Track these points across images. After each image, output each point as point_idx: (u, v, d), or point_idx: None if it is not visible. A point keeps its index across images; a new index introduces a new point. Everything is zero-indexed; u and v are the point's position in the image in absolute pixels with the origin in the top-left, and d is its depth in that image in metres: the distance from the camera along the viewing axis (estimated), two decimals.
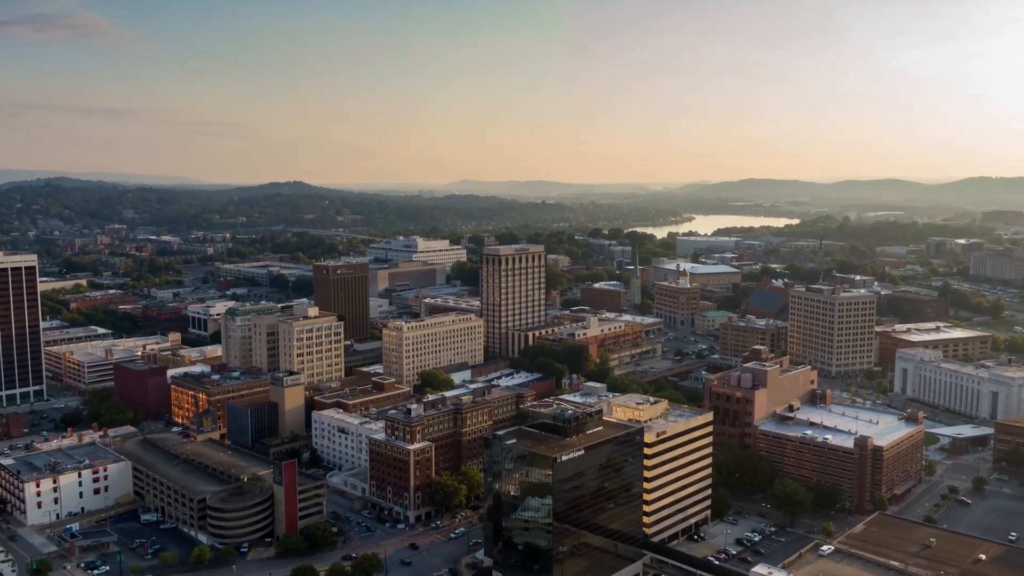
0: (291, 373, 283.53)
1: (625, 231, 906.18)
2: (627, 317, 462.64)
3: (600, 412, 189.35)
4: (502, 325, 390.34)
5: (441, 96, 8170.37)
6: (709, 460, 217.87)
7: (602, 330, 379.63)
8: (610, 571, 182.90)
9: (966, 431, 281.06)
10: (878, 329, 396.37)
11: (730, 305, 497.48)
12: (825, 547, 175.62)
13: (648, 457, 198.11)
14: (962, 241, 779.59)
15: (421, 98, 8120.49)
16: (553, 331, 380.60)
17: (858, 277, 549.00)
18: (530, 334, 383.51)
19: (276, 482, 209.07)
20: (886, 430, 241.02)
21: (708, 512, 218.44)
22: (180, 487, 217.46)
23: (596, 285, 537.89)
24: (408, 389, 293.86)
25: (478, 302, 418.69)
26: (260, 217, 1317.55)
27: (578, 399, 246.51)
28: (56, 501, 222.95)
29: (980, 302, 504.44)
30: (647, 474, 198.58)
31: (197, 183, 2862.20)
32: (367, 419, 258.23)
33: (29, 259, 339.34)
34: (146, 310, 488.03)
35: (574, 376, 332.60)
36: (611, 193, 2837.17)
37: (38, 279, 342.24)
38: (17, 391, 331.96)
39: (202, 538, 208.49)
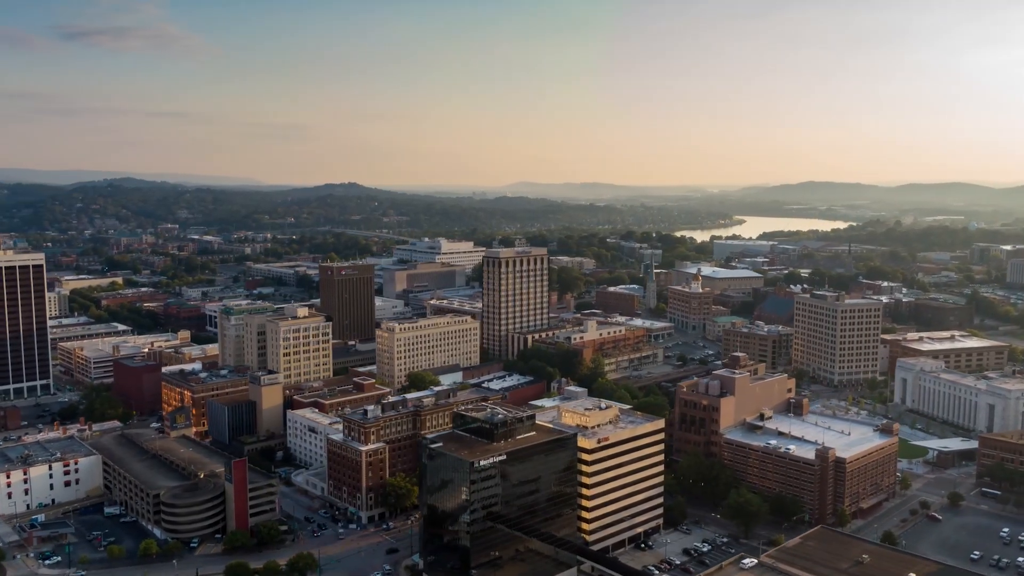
0: (270, 372, 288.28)
1: (658, 234, 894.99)
2: (637, 322, 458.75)
3: (532, 417, 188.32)
4: (502, 327, 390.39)
5: (501, 98, 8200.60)
6: (660, 468, 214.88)
7: (600, 334, 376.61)
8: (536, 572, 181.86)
9: (953, 444, 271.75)
10: (888, 337, 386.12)
11: (748, 310, 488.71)
12: (747, 560, 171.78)
13: (588, 463, 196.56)
14: (1008, 247, 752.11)
15: (482, 101, 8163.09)
16: (551, 334, 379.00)
17: (885, 283, 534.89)
18: (529, 337, 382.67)
19: (227, 479, 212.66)
20: (855, 442, 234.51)
21: (660, 521, 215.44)
22: (140, 482, 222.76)
23: (611, 289, 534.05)
24: (387, 390, 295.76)
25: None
26: (308, 218, 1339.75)
27: (556, 403, 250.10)
28: (27, 492, 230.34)
29: (1008, 311, 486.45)
30: (587, 480, 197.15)
31: (257, 184, 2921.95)
32: (339, 419, 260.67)
33: (36, 257, 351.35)
34: (167, 308, 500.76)
35: (563, 380, 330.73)
36: (666, 196, 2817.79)
37: (45, 277, 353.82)
38: (24, 384, 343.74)
39: (157, 532, 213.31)
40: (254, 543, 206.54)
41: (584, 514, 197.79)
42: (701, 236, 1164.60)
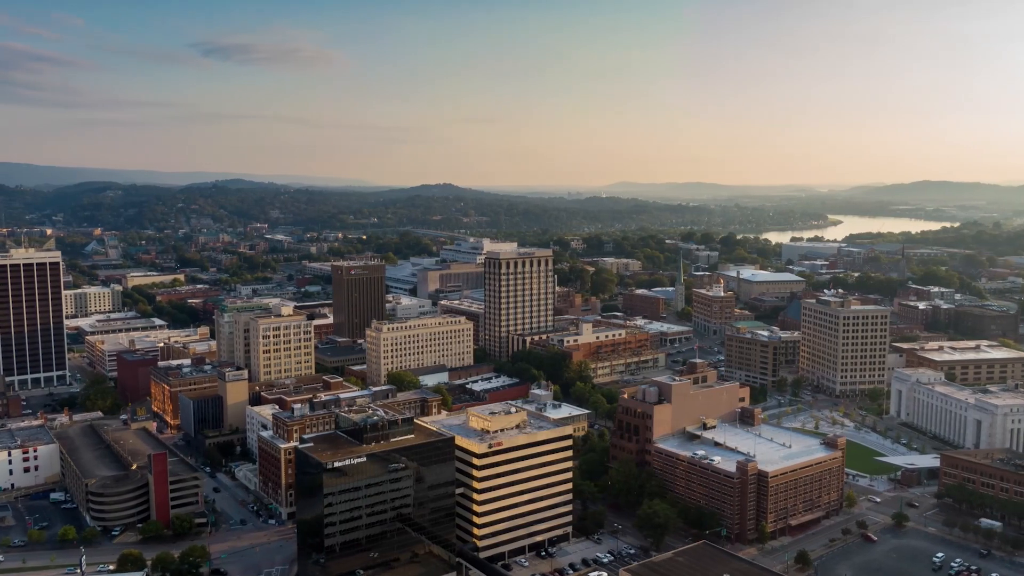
0: (237, 368, 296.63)
1: (719, 236, 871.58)
2: (656, 325, 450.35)
3: (410, 419, 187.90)
4: (501, 329, 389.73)
5: (605, 99, 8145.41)
6: (568, 475, 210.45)
7: (597, 337, 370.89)
8: None
9: (921, 462, 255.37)
10: (905, 346, 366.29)
11: (778, 316, 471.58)
12: (594, 574, 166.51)
13: (477, 468, 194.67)
14: None
15: (585, 102, 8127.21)
16: (546, 337, 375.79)
17: (936, 288, 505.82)
18: (527, 339, 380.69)
19: (148, 471, 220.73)
20: (792, 455, 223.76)
21: (568, 529, 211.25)
22: (80, 470, 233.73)
23: (639, 291, 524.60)
24: (355, 388, 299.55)
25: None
26: (391, 218, 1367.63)
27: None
28: None
29: None
30: (476, 485, 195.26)
31: (362, 185, 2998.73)
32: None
33: (53, 255, 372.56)
34: (206, 304, 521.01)
35: (543, 383, 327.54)
36: (771, 195, 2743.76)
37: (62, 274, 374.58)
38: (41, 375, 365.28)
39: (87, 519, 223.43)
40: (169, 534, 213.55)
41: (475, 519, 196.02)
42: (782, 237, 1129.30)
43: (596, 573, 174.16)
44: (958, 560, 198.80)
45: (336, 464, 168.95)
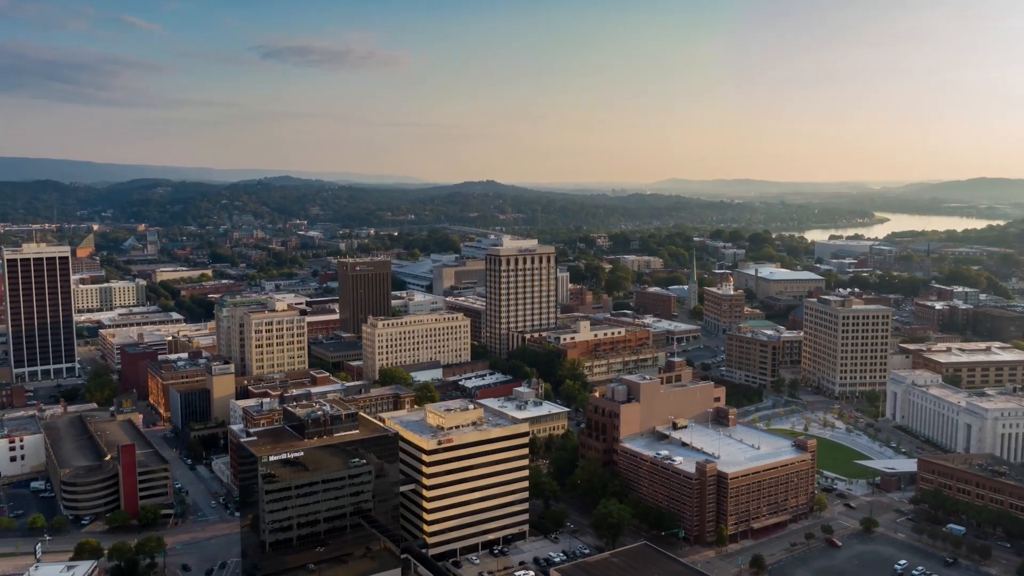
0: (225, 362, 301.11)
1: (747, 234, 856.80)
2: (665, 324, 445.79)
3: (354, 415, 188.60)
4: (502, 326, 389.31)
5: (657, 95, 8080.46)
6: (524, 472, 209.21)
7: (595, 335, 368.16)
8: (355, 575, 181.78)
9: (901, 466, 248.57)
10: (912, 347, 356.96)
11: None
12: (520, 573, 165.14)
13: (426, 464, 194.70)
14: None
15: (635, 100, 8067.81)
16: (544, 335, 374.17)
17: (960, 288, 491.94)
18: (527, 336, 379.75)
19: (117, 463, 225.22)
20: (759, 456, 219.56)
21: (525, 527, 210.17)
22: (58, 460, 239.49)
23: (651, 289, 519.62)
24: (338, 383, 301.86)
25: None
26: (429, 215, 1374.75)
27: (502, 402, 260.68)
28: None
29: None
30: (426, 482, 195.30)
31: (408, 182, 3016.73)
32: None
33: (63, 250, 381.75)
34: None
35: (533, 380, 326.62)
36: (821, 192, 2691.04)
37: (71, 268, 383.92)
38: (51, 367, 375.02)
39: (62, 507, 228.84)
40: (136, 524, 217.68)
41: (425, 516, 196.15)
42: (823, 235, 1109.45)
43: (522, 572, 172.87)
44: (920, 568, 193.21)
45: (271, 458, 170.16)
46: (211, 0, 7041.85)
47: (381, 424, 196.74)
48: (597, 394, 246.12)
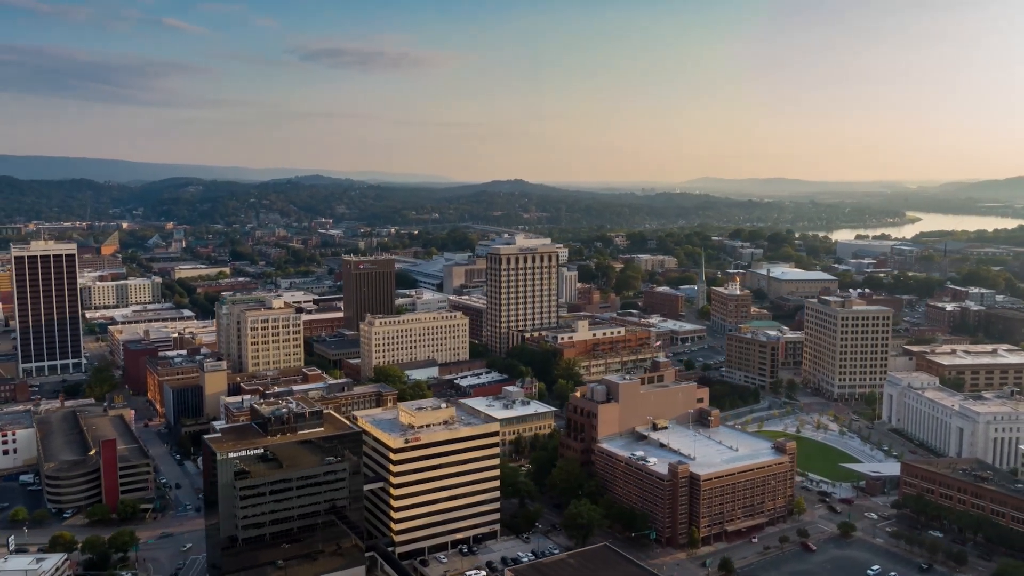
0: (217, 358, 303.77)
1: (768, 233, 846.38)
2: (670, 323, 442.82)
3: (319, 412, 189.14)
4: (502, 324, 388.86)
5: (690, 94, 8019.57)
6: (495, 472, 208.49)
7: (594, 335, 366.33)
8: (320, 573, 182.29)
9: (887, 469, 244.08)
10: (915, 348, 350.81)
11: None
12: (471, 573, 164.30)
13: (394, 463, 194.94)
14: None
15: (670, 97, 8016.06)
16: (543, 334, 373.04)
17: (976, 289, 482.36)
18: (526, 336, 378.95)
19: (99, 458, 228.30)
20: (736, 458, 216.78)
21: (496, 526, 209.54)
22: (46, 454, 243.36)
23: (659, 289, 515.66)
24: (329, 379, 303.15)
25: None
26: (452, 213, 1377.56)
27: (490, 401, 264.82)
28: None
29: None
30: (394, 480, 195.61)
31: (438, 180, 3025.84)
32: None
33: (69, 247, 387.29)
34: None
35: (527, 379, 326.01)
36: (854, 192, 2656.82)
37: (78, 265, 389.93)
38: (57, 362, 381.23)
39: (46, 501, 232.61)
40: (115, 518, 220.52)
41: (392, 514, 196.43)
42: (850, 235, 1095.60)
43: (473, 572, 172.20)
44: (893, 573, 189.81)
45: (230, 455, 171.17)
46: (252, 4, 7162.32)
47: (347, 422, 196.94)
48: (579, 394, 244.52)
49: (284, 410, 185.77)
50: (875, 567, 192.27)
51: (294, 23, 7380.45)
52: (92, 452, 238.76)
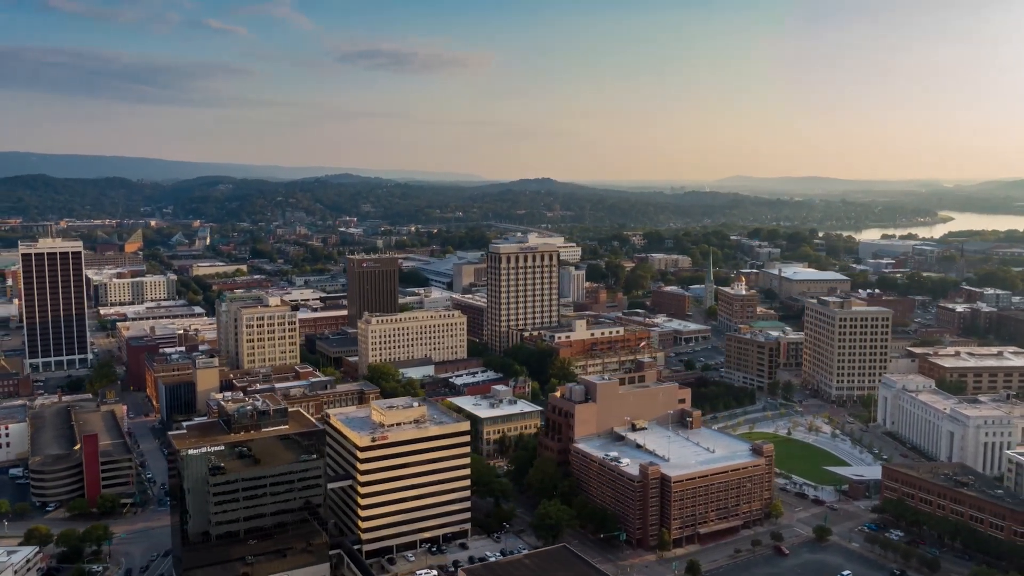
0: (211, 355, 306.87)
1: (788, 232, 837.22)
2: (675, 323, 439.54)
3: (284, 410, 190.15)
4: (502, 323, 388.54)
5: (724, 92, 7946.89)
6: (465, 471, 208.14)
7: (591, 334, 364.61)
8: (283, 569, 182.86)
9: (870, 473, 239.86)
10: (918, 350, 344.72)
11: None
12: (422, 572, 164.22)
13: (360, 461, 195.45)
14: None
15: (705, 95, 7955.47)
16: (541, 334, 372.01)
17: (990, 291, 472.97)
18: (525, 335, 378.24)
19: (81, 452, 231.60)
20: (710, 460, 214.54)
21: (467, 525, 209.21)
22: (33, 448, 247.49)
23: (667, 288, 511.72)
24: (320, 376, 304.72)
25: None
26: (476, 212, 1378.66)
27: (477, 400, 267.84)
28: None
29: None
30: (361, 478, 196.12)
31: (469, 179, 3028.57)
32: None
33: (75, 245, 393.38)
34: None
35: (520, 378, 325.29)
36: (889, 191, 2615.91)
37: (83, 262, 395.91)
38: (64, 358, 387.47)
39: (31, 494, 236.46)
40: (95, 512, 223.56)
41: (360, 512, 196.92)
42: (875, 235, 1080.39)
43: (424, 571, 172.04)
44: None
45: (190, 451, 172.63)
46: (292, 6, 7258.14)
47: (313, 420, 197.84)
48: (558, 394, 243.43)
49: (249, 407, 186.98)
50: (846, 572, 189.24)
51: (332, 26, 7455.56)
52: (77, 447, 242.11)
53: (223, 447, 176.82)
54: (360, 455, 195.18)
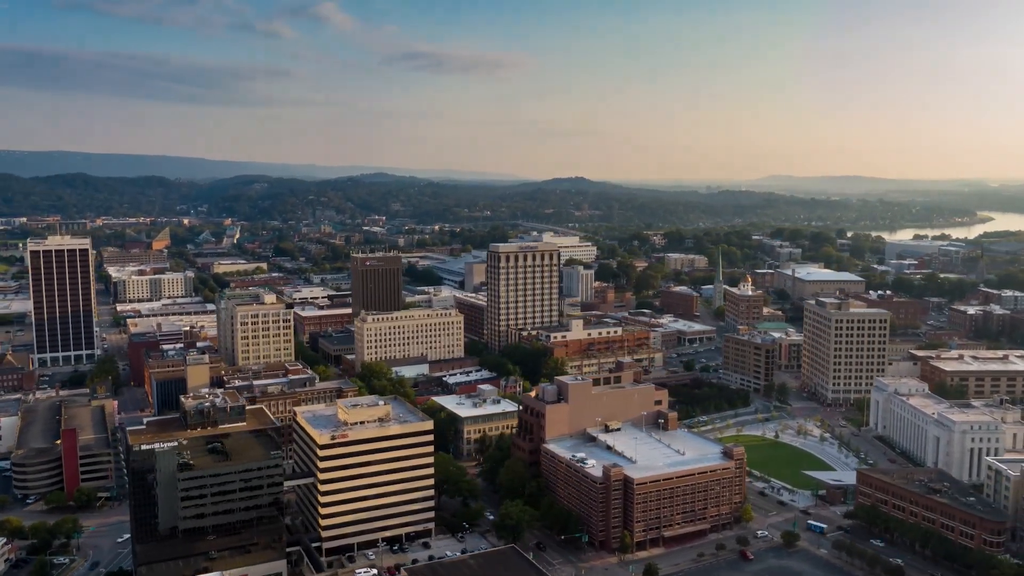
0: (201, 351, 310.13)
1: (806, 232, 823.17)
2: (680, 324, 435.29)
3: (242, 407, 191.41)
4: (501, 323, 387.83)
5: (764, 91, 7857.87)
6: (428, 470, 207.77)
7: (588, 334, 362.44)
8: (240, 565, 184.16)
9: (847, 478, 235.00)
10: (920, 353, 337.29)
11: None
12: (361, 571, 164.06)
13: (321, 459, 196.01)
14: None
15: (744, 93, 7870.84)
16: (537, 333, 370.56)
17: (1011, 293, 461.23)
18: (522, 334, 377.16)
19: (60, 446, 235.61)
20: (679, 462, 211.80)
21: (431, 524, 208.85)
22: (19, 442, 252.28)
23: (675, 288, 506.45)
24: (309, 374, 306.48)
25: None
26: (505, 211, 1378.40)
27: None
28: None
29: None
30: (321, 476, 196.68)
31: (500, 178, 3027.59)
32: None
33: (83, 243, 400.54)
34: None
35: (511, 378, 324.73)
36: (931, 190, 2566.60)
37: (91, 260, 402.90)
38: (71, 353, 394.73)
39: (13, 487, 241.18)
40: (72, 505, 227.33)
41: (320, 509, 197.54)
42: (907, 235, 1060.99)
43: (364, 570, 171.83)
44: None
45: (142, 447, 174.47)
46: (336, 7, 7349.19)
47: (272, 417, 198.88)
48: (533, 394, 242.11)
49: (207, 405, 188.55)
50: None
51: (375, 27, 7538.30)
52: (58, 441, 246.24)
53: (175, 442, 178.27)
54: (320, 452, 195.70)
